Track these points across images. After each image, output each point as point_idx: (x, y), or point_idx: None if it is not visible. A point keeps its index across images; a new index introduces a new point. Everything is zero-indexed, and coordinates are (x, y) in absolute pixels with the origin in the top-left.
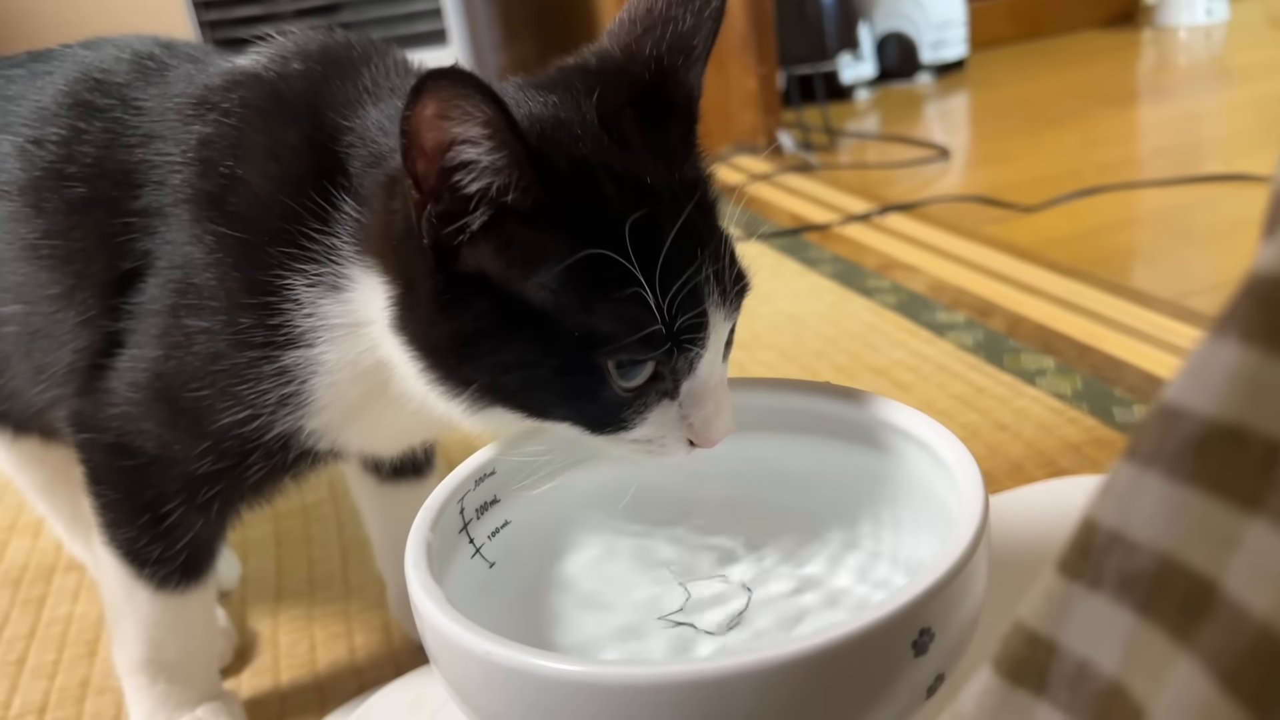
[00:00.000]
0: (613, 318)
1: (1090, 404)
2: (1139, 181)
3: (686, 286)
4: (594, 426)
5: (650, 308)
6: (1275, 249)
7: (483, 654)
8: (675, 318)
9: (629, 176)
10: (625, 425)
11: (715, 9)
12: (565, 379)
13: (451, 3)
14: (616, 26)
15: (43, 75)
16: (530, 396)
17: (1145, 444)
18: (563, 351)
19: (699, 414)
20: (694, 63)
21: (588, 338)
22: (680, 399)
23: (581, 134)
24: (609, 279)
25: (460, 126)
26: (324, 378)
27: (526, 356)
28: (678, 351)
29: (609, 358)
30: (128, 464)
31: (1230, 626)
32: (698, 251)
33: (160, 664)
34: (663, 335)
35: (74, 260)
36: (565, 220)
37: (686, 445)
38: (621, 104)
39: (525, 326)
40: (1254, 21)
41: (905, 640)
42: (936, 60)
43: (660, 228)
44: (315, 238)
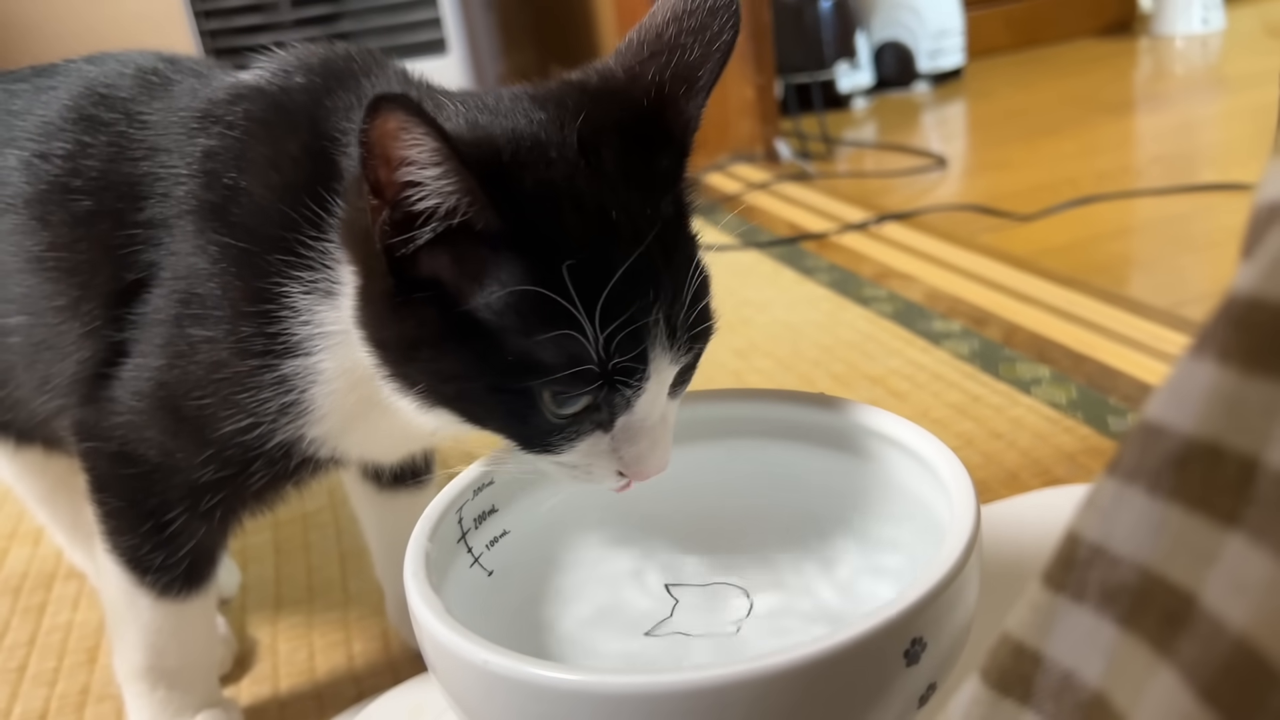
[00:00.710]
0: (549, 348)
1: (1085, 413)
2: (1135, 190)
3: (629, 327)
4: (523, 444)
5: (587, 344)
6: (1252, 270)
7: (481, 663)
8: (613, 356)
9: (593, 207)
10: (553, 449)
11: (726, 43)
12: (497, 397)
13: (451, 12)
14: (625, 46)
15: (47, 90)
16: (465, 406)
17: (1127, 460)
18: (496, 371)
19: (631, 450)
20: (696, 94)
21: (522, 363)
22: (614, 432)
23: (556, 158)
24: (550, 309)
25: (408, 150)
26: (323, 386)
27: (462, 370)
28: (612, 389)
29: (541, 387)
30: (131, 472)
31: (1208, 639)
32: (649, 291)
33: (160, 671)
34: (596, 373)
35: (79, 272)
36: (517, 245)
37: (616, 476)
38: (609, 128)
39: (466, 340)
40: (1250, 30)
41: (897, 649)
42: (933, 69)
43: (611, 264)
44: (311, 244)
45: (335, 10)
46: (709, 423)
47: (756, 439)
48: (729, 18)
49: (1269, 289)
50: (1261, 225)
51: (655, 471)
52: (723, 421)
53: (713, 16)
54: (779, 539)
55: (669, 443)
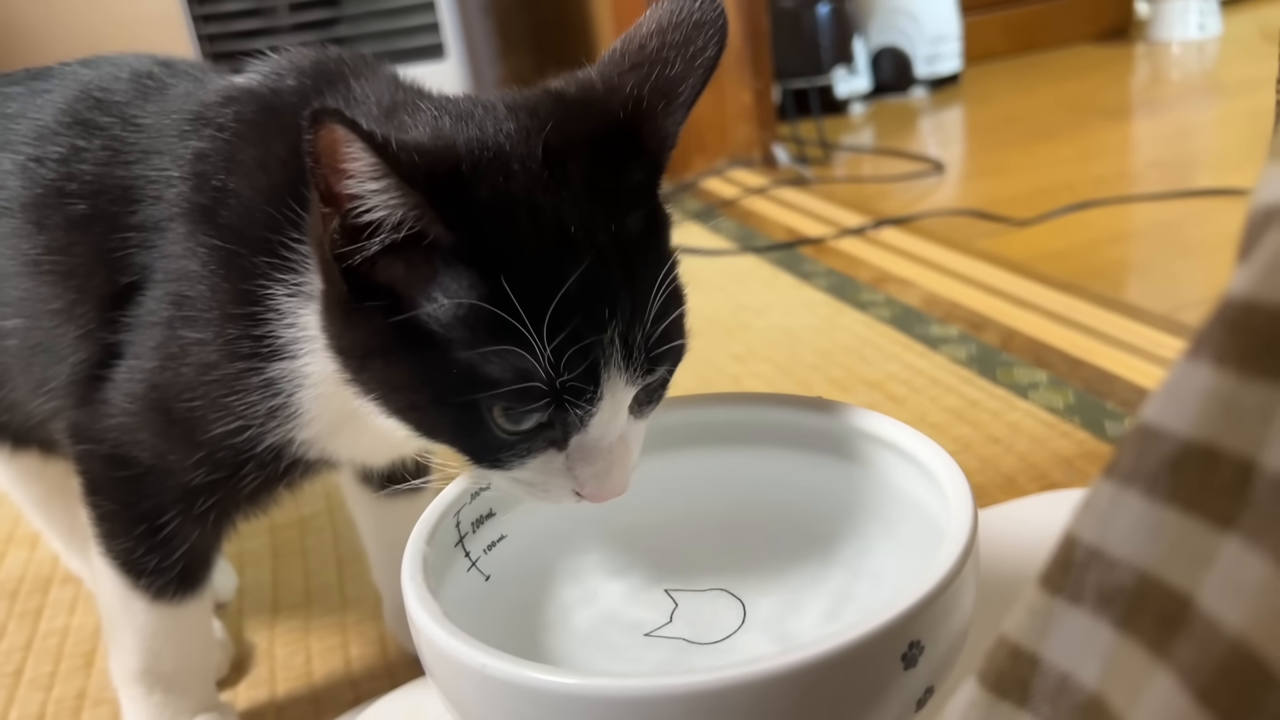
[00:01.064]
0: (496, 362)
1: (1082, 418)
2: (1132, 196)
3: (578, 343)
4: (474, 458)
5: (535, 360)
6: (1248, 273)
7: (479, 667)
8: (563, 373)
9: (550, 220)
10: (504, 465)
11: (708, 59)
12: (444, 410)
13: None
14: (607, 57)
15: (42, 94)
16: (416, 417)
17: (1124, 462)
18: (444, 384)
19: (586, 470)
20: (675, 109)
21: (469, 376)
22: (569, 450)
23: (518, 169)
24: (497, 323)
25: (349, 164)
26: (309, 389)
27: (411, 380)
28: (565, 409)
29: (489, 401)
30: (124, 474)
31: (1205, 641)
32: (604, 308)
33: (156, 675)
34: (544, 390)
35: (74, 275)
36: (467, 256)
37: (572, 495)
38: (580, 140)
39: (416, 350)
40: (1246, 35)
41: (895, 653)
42: (931, 74)
43: (561, 278)
44: (294, 246)
45: (333, 15)
46: (707, 427)
47: (754, 444)
48: (714, 34)
49: (1265, 292)
50: (1258, 228)
51: (612, 494)
52: (720, 426)
53: (698, 31)
54: (777, 543)
55: (628, 464)
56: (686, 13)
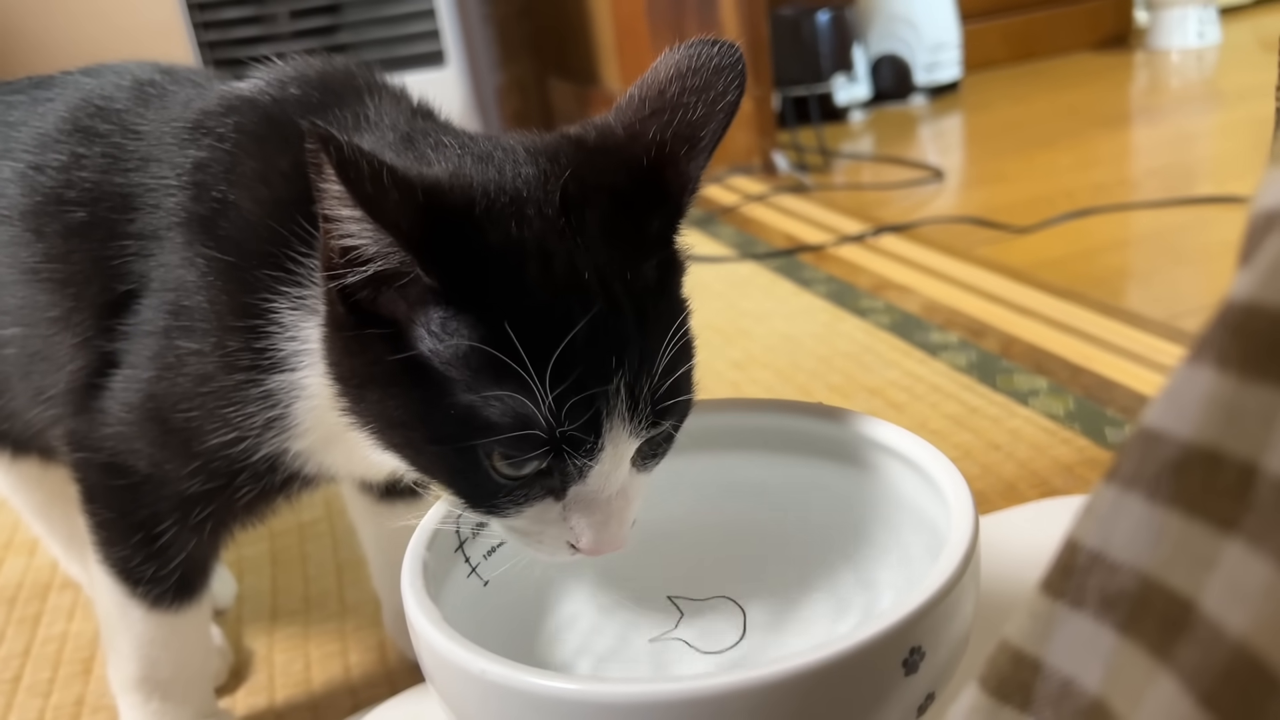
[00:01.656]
0: (496, 406)
1: (1083, 424)
2: (1132, 203)
3: (582, 393)
4: (469, 502)
5: (535, 407)
6: (1250, 277)
7: (479, 672)
8: (564, 422)
9: (562, 266)
10: (499, 511)
11: (730, 103)
12: (441, 450)
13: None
14: (625, 102)
15: (44, 102)
16: (411, 454)
17: (1126, 466)
18: (441, 424)
19: (582, 522)
20: (698, 154)
21: (467, 419)
22: (566, 501)
23: (533, 214)
24: (500, 368)
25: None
26: (306, 402)
27: (407, 417)
28: (565, 459)
29: (485, 446)
30: (121, 483)
31: (1208, 645)
32: (611, 357)
33: (155, 682)
34: (543, 438)
35: (72, 283)
36: (473, 299)
37: (567, 549)
38: (599, 187)
39: (415, 387)
40: (1245, 44)
41: (896, 659)
42: (930, 82)
43: (569, 325)
44: (300, 261)
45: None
46: (707, 434)
47: (754, 450)
48: (734, 77)
49: (1266, 295)
50: (1259, 232)
51: (608, 549)
52: (721, 433)
53: (717, 76)
54: (778, 549)
55: (627, 519)
56: (706, 58)
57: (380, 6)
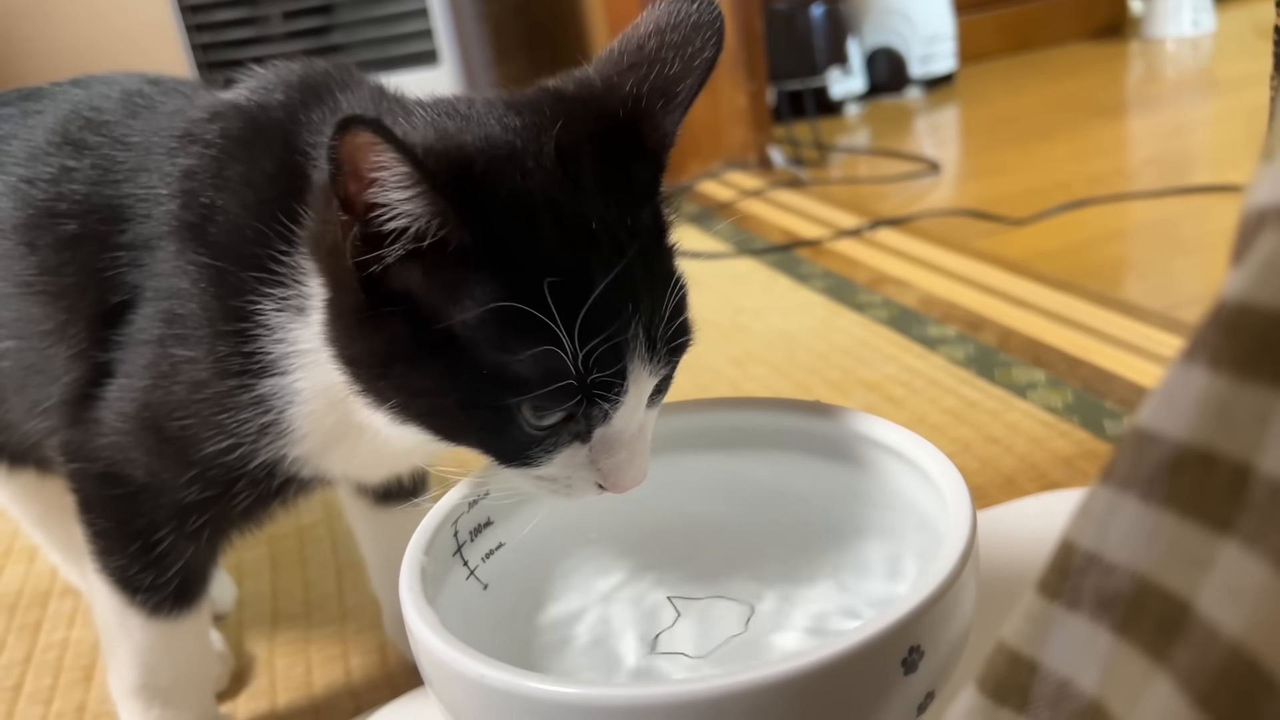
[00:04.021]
0: (527, 364)
1: (1081, 417)
2: (1128, 193)
3: (609, 341)
4: (500, 458)
5: (567, 359)
6: (1242, 276)
7: (478, 677)
8: (592, 370)
9: (572, 218)
10: (530, 462)
11: (707, 60)
12: (474, 412)
13: (443, 23)
14: (605, 55)
15: (33, 114)
16: (439, 421)
17: (1120, 467)
18: (472, 387)
19: (609, 461)
20: (674, 109)
21: (499, 378)
22: (592, 444)
23: (533, 167)
24: (528, 325)
25: (377, 172)
26: (300, 406)
27: (435, 385)
28: (591, 403)
29: (519, 402)
30: (117, 493)
31: (1204, 646)
32: (629, 305)
33: (155, 689)
34: (575, 387)
35: (65, 295)
36: (493, 260)
37: (595, 488)
38: (586, 137)
39: (440, 355)
40: (1240, 32)
41: (895, 659)
42: (925, 74)
43: (591, 278)
44: (282, 260)
45: (327, 23)
46: (705, 433)
47: (752, 448)
48: (712, 34)
49: (1259, 295)
50: (1250, 231)
51: (633, 483)
52: (719, 431)
53: (696, 32)
54: (776, 548)
55: (647, 453)
56: (685, 14)
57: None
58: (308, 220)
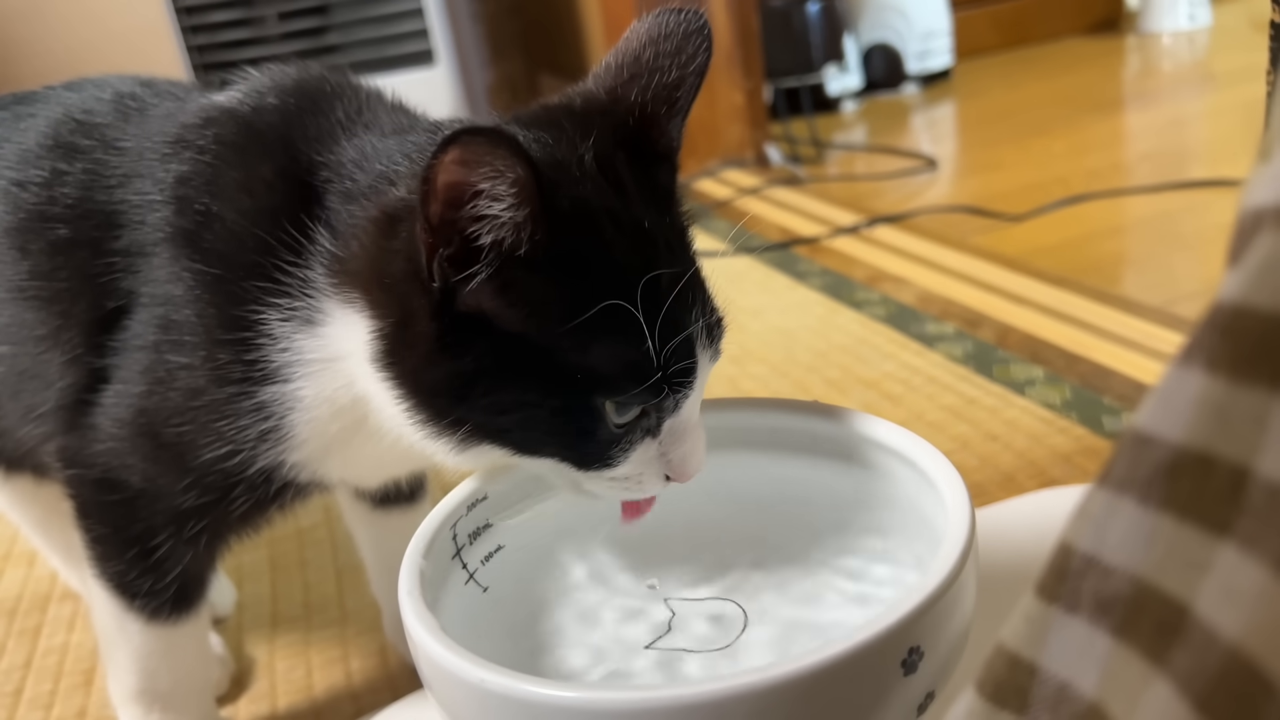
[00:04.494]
0: (614, 361)
1: (1080, 413)
2: (1126, 188)
3: (683, 334)
4: (582, 463)
5: (649, 354)
6: (1239, 277)
7: (477, 681)
8: (670, 363)
9: (629, 221)
10: (611, 462)
11: (700, 64)
12: (562, 418)
13: (438, 23)
14: (603, 70)
15: (26, 118)
16: (524, 435)
17: (1118, 470)
18: (562, 392)
19: (678, 450)
20: (676, 114)
21: (588, 380)
22: (661, 437)
23: (580, 176)
24: (612, 325)
25: (487, 182)
26: (302, 413)
27: (526, 397)
28: (669, 394)
29: (608, 400)
30: (115, 498)
31: (1202, 649)
32: (689, 297)
33: (154, 694)
34: (659, 379)
35: (59, 301)
36: (569, 266)
37: (663, 481)
38: (612, 147)
39: (525, 367)
40: (1236, 26)
41: (895, 660)
42: (922, 70)
43: (659, 277)
44: (289, 271)
45: (322, 24)
46: None
47: (751, 449)
48: (702, 40)
49: (1256, 297)
50: (1247, 232)
51: (697, 470)
52: (717, 432)
53: (687, 40)
54: (775, 549)
55: (704, 440)
56: (675, 24)
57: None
58: (323, 238)
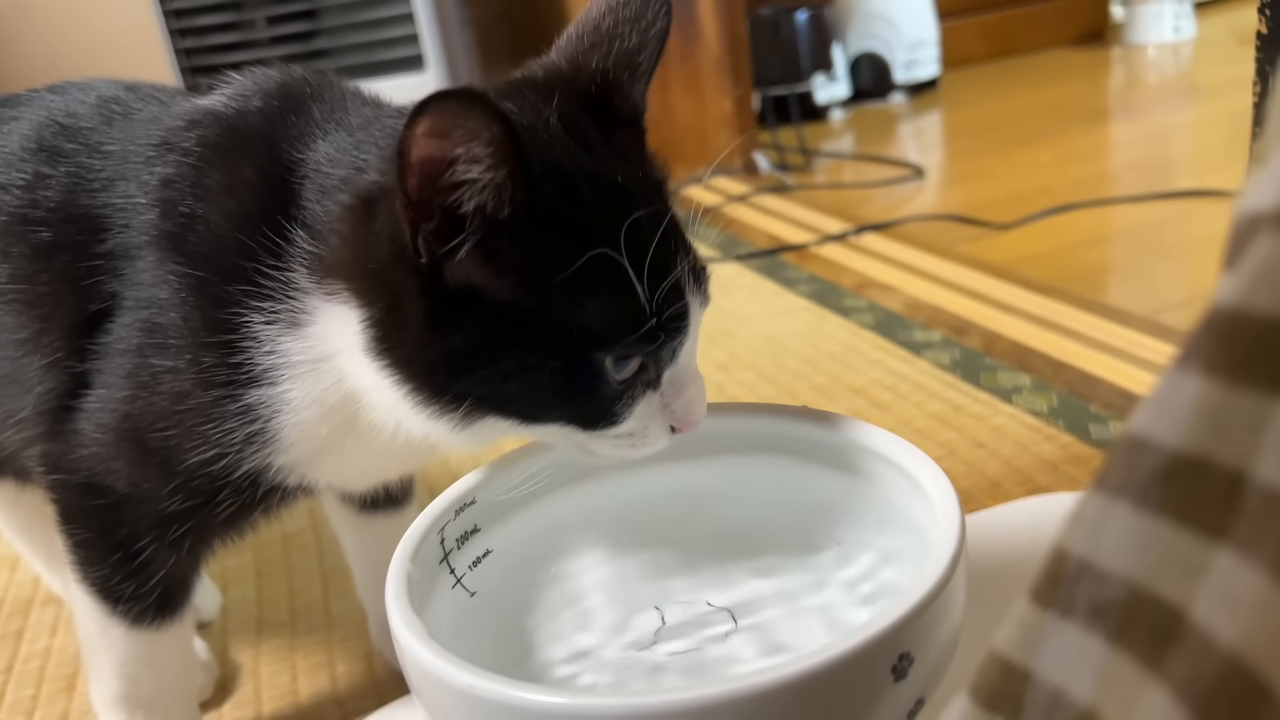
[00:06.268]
0: (607, 314)
1: (1066, 421)
2: (1111, 198)
3: (671, 279)
4: (587, 423)
5: (641, 303)
6: (1235, 282)
7: (464, 687)
8: (662, 310)
9: (602, 178)
10: (616, 419)
11: (661, 29)
12: (564, 379)
13: (428, 28)
14: (564, 41)
15: (8, 120)
16: (527, 403)
17: (1113, 474)
18: (560, 353)
19: (680, 400)
20: (639, 78)
21: (584, 336)
22: (663, 388)
23: (548, 139)
24: (601, 278)
25: (462, 146)
26: (289, 416)
27: (525, 363)
28: (665, 341)
29: (607, 354)
30: (98, 503)
31: (1199, 655)
32: (673, 244)
33: (137, 700)
34: (654, 328)
35: (40, 304)
36: (551, 226)
37: (668, 433)
38: (577, 110)
39: (520, 333)
40: (1220, 38)
41: (885, 665)
42: (909, 80)
43: (641, 225)
44: (271, 274)
45: (312, 28)
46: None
47: (740, 454)
48: (661, 5)
49: (1252, 300)
50: (1243, 236)
51: (700, 417)
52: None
53: (646, 6)
54: (765, 554)
55: (704, 388)
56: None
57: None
58: (300, 238)
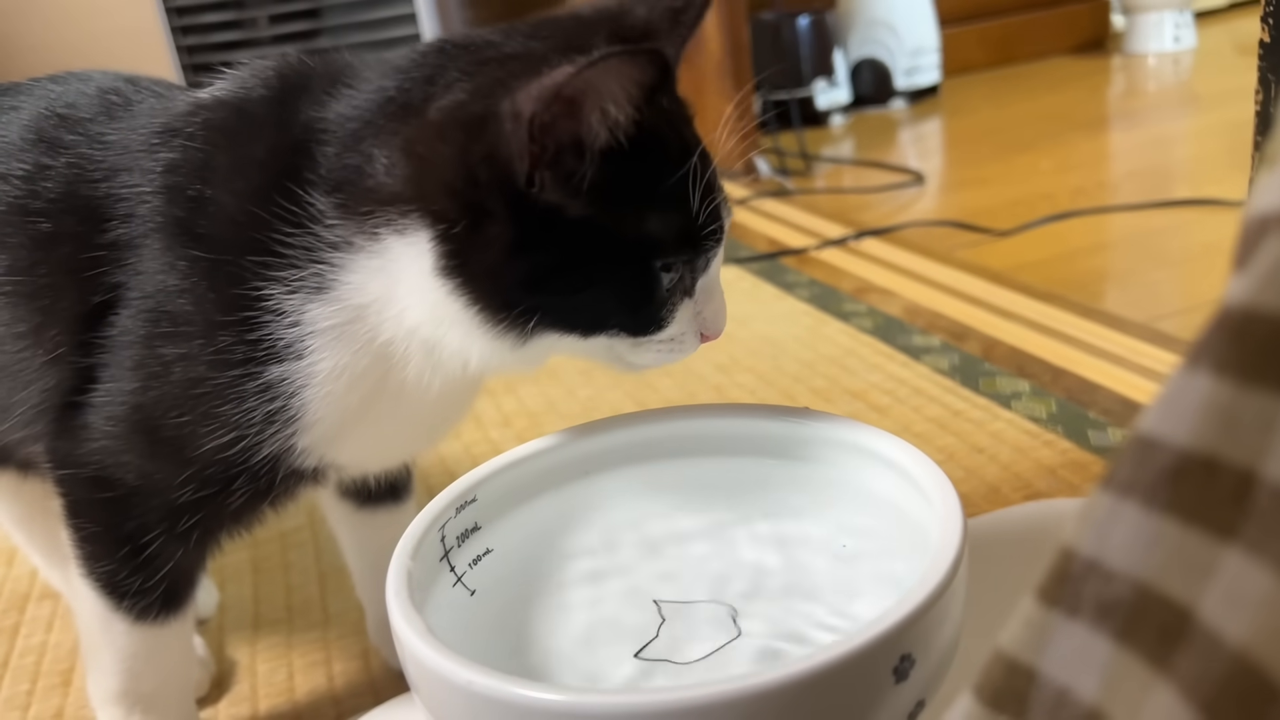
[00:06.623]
0: (668, 227)
1: (1065, 427)
2: (1111, 206)
3: (715, 197)
4: (638, 329)
5: (691, 214)
6: (1246, 281)
7: (464, 684)
8: (707, 224)
9: (663, 110)
10: (663, 323)
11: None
12: (628, 287)
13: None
14: None
15: (8, 110)
16: (592, 313)
17: (1122, 473)
18: (628, 263)
19: (710, 306)
20: (676, 37)
21: (646, 247)
22: (696, 295)
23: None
24: (663, 193)
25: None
26: (315, 389)
27: (596, 274)
28: (707, 250)
29: (663, 260)
30: (108, 496)
31: (1207, 654)
32: (710, 168)
33: (136, 695)
34: (699, 238)
35: (40, 296)
36: (645, 151)
37: (698, 340)
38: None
39: (593, 248)
40: (1220, 48)
41: (886, 667)
42: (910, 86)
43: (696, 152)
44: (291, 241)
45: (314, 26)
46: (693, 439)
47: (740, 455)
48: None
49: (1263, 300)
50: (1253, 237)
51: (724, 324)
52: (706, 438)
53: None
54: (764, 554)
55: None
56: None
57: (360, 11)
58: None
